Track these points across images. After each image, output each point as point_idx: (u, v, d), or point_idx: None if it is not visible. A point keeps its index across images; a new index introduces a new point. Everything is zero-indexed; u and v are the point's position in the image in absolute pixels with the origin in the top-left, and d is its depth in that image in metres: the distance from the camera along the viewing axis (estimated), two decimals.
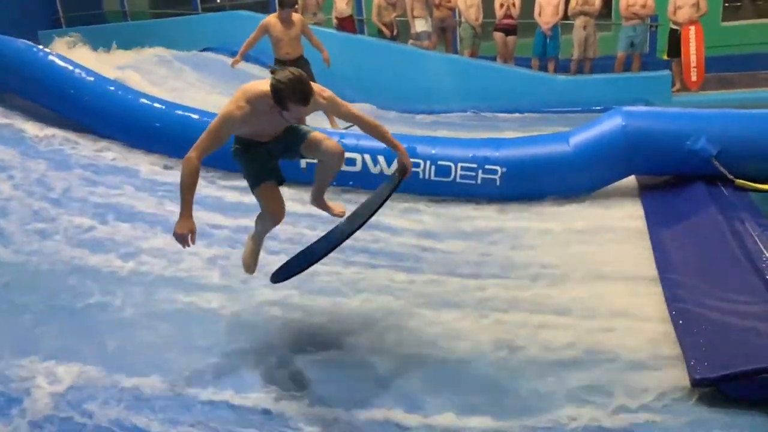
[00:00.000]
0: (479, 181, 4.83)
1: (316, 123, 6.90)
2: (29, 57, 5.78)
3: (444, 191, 4.91)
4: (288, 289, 3.41)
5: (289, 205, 3.20)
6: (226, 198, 4.89)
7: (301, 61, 6.92)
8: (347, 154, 3.60)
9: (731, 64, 9.47)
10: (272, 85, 2.46)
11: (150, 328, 3.19)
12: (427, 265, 3.92)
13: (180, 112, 5.54)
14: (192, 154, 2.57)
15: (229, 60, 8.51)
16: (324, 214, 3.35)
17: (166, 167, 5.32)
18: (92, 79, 5.76)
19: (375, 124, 2.91)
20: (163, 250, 3.96)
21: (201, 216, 3.82)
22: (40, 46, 6.03)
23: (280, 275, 3.09)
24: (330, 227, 3.25)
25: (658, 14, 9.14)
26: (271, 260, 3.55)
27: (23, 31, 7.51)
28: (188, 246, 2.67)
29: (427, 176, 4.86)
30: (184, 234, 2.61)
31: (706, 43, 8.45)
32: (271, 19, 6.72)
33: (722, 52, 9.48)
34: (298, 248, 3.40)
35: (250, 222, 3.30)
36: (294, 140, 2.88)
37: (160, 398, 2.64)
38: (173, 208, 4.30)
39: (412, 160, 4.79)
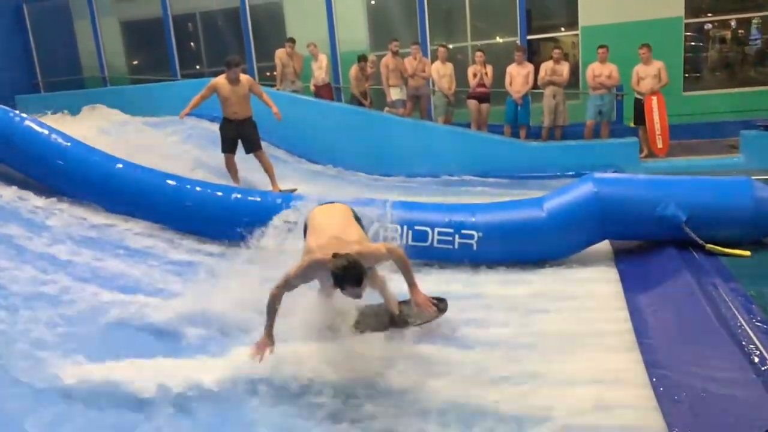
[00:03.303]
0: (456, 246, 4.85)
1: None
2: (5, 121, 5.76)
3: (422, 256, 4.90)
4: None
5: None
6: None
7: (249, 123, 7.07)
8: None
9: (694, 131, 9.87)
10: (331, 271, 2.96)
11: None
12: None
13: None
14: (274, 291, 3.15)
15: (207, 124, 8.61)
16: None
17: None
18: (69, 144, 5.74)
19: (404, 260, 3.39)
20: None
21: None
22: (17, 111, 6.02)
23: None
24: None
25: (623, 84, 9.55)
26: None
27: (1, 96, 7.52)
28: (261, 360, 3.11)
29: (404, 241, 4.87)
30: (263, 348, 3.12)
31: (669, 111, 8.82)
32: (220, 79, 6.91)
33: (685, 120, 9.89)
34: None
35: None
36: None
37: None
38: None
39: (389, 225, 4.88)
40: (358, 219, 3.76)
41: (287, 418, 3.01)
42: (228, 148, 7.14)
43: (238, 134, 7.08)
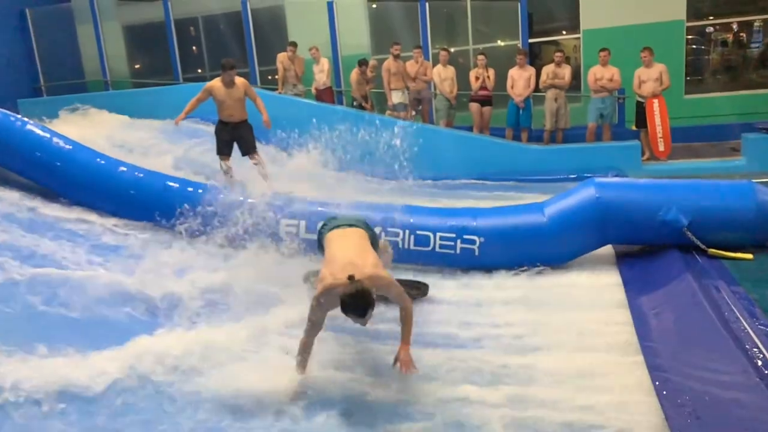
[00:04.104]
0: (458, 251, 4.85)
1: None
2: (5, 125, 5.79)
3: (423, 260, 4.90)
4: None
5: None
6: None
7: (244, 125, 7.08)
8: None
9: (695, 134, 9.86)
10: (340, 296, 3.00)
11: None
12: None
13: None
14: (303, 338, 3.19)
15: (205, 126, 8.63)
16: None
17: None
18: (70, 147, 5.76)
19: (409, 312, 3.28)
20: None
21: None
22: (18, 115, 6.04)
23: None
24: None
25: (624, 87, 9.55)
26: None
27: (4, 100, 7.51)
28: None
29: (406, 246, 4.86)
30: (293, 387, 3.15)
31: (670, 114, 8.82)
32: (215, 82, 6.91)
33: (687, 123, 9.89)
34: None
35: None
36: None
37: None
38: None
39: (391, 229, 4.87)
40: (374, 242, 3.73)
41: (157, 411, 3.01)
42: (223, 150, 7.17)
43: (234, 137, 7.10)
